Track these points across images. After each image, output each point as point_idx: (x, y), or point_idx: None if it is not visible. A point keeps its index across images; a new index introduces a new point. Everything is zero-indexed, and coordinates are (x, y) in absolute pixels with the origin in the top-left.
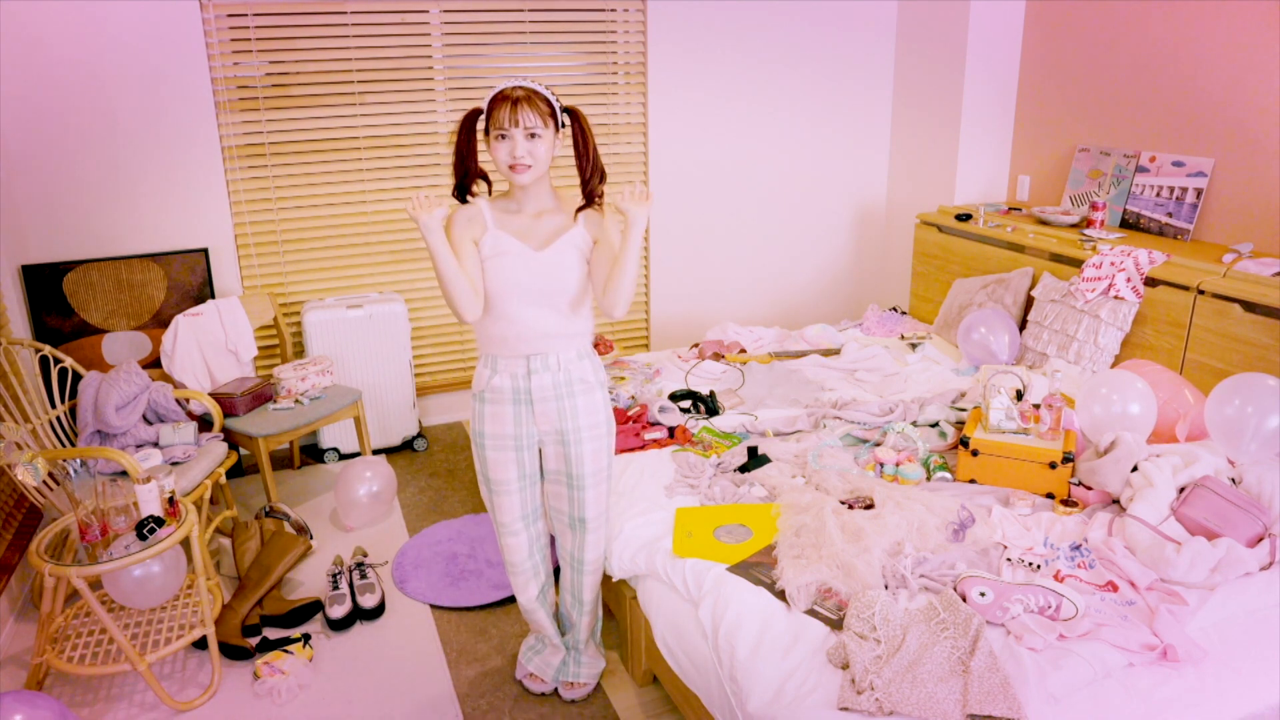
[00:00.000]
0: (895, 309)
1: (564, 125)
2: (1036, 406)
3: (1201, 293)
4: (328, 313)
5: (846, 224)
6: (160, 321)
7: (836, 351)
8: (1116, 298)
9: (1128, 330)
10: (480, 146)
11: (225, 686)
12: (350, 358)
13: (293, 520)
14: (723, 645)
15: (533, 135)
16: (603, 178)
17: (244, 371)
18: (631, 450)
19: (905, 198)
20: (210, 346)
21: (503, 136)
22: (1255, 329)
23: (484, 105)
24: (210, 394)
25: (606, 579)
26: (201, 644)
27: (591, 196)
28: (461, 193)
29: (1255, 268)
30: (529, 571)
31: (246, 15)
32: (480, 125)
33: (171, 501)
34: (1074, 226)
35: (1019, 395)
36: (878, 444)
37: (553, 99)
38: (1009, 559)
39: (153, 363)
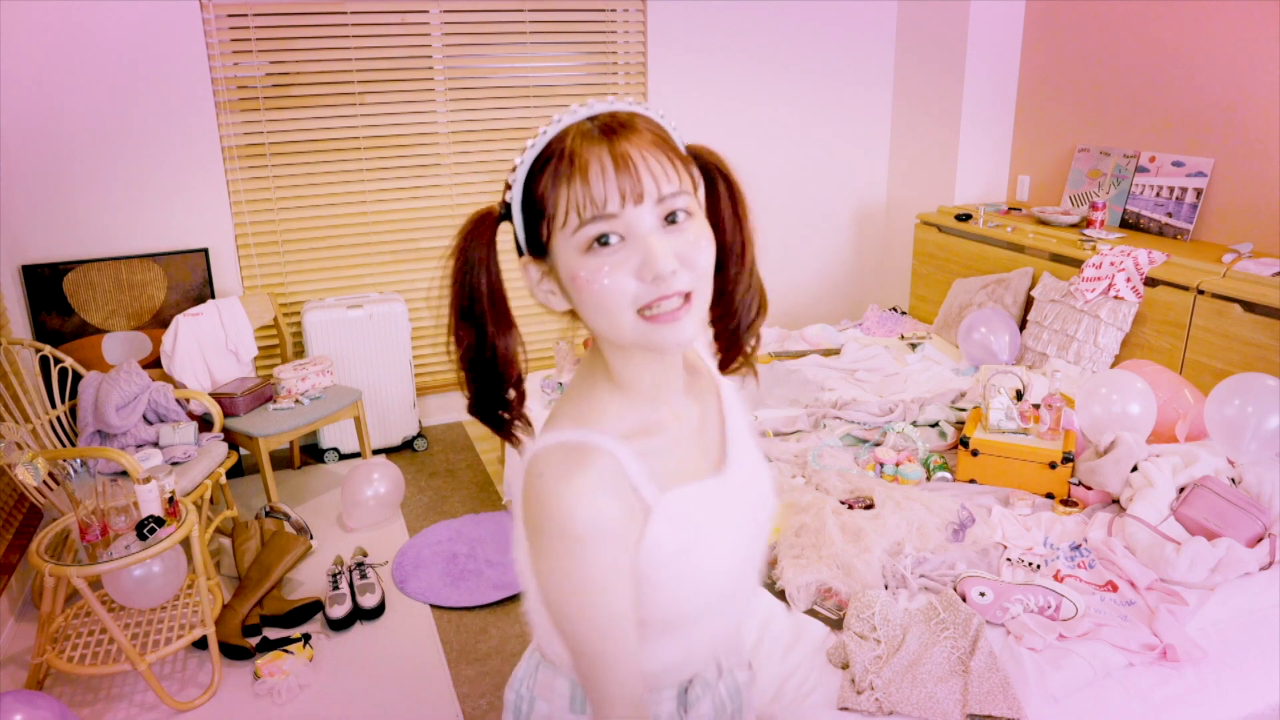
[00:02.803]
0: (895, 309)
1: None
2: (1036, 406)
3: (1201, 293)
4: (328, 313)
5: (846, 224)
6: (160, 321)
7: (836, 351)
8: (1116, 298)
9: (1128, 330)
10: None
11: (225, 686)
12: (350, 358)
13: (293, 520)
14: None
15: (673, 216)
16: (763, 308)
17: (244, 371)
18: None
19: (905, 198)
20: (210, 346)
21: (603, 241)
22: (1255, 329)
23: (513, 179)
24: (210, 394)
25: None
26: (201, 644)
27: (739, 342)
28: (487, 408)
29: (1255, 268)
30: None
31: (246, 15)
32: (506, 233)
33: (171, 501)
34: (1074, 226)
35: (1019, 395)
36: (878, 444)
37: (669, 128)
38: (1009, 559)
39: (153, 363)
